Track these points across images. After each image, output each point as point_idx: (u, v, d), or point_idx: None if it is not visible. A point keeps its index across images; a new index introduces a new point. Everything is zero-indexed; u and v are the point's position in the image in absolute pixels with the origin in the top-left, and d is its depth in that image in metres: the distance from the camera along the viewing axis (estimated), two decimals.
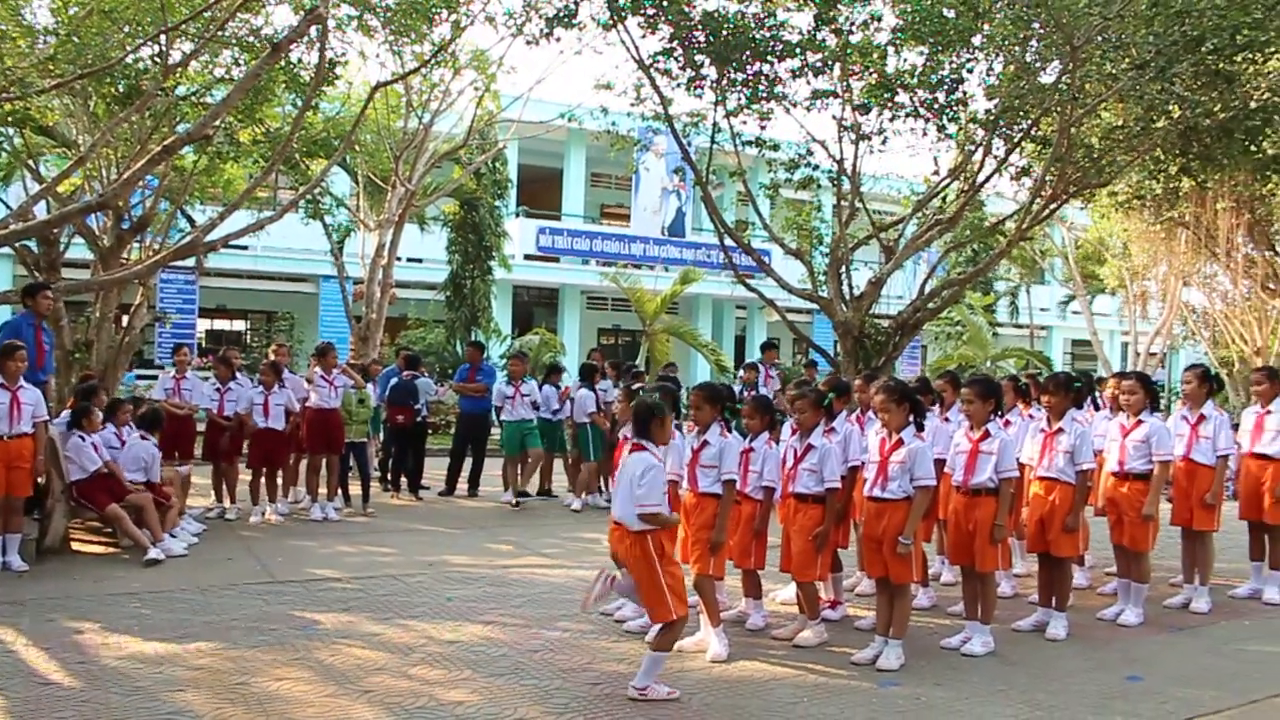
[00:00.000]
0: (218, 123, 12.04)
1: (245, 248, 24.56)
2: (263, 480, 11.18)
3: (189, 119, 13.53)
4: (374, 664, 6.01)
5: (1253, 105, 12.15)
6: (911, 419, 6.30)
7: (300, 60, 13.80)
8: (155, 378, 13.29)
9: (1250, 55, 11.78)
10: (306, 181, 16.49)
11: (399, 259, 21.14)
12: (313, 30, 11.71)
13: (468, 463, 13.35)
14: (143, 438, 9.71)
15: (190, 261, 20.24)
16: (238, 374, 11.52)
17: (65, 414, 9.51)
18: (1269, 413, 8.38)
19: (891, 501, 6.22)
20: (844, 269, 13.80)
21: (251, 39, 13.14)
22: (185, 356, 11.57)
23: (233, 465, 11.27)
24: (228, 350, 11.87)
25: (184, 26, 11.33)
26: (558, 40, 12.78)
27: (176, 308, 24.34)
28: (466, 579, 8.40)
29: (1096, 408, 9.09)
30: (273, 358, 11.69)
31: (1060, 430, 7.04)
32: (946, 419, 8.02)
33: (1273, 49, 12.23)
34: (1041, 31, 11.92)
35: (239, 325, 30.93)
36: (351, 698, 5.43)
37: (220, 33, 11.90)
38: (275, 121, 16.74)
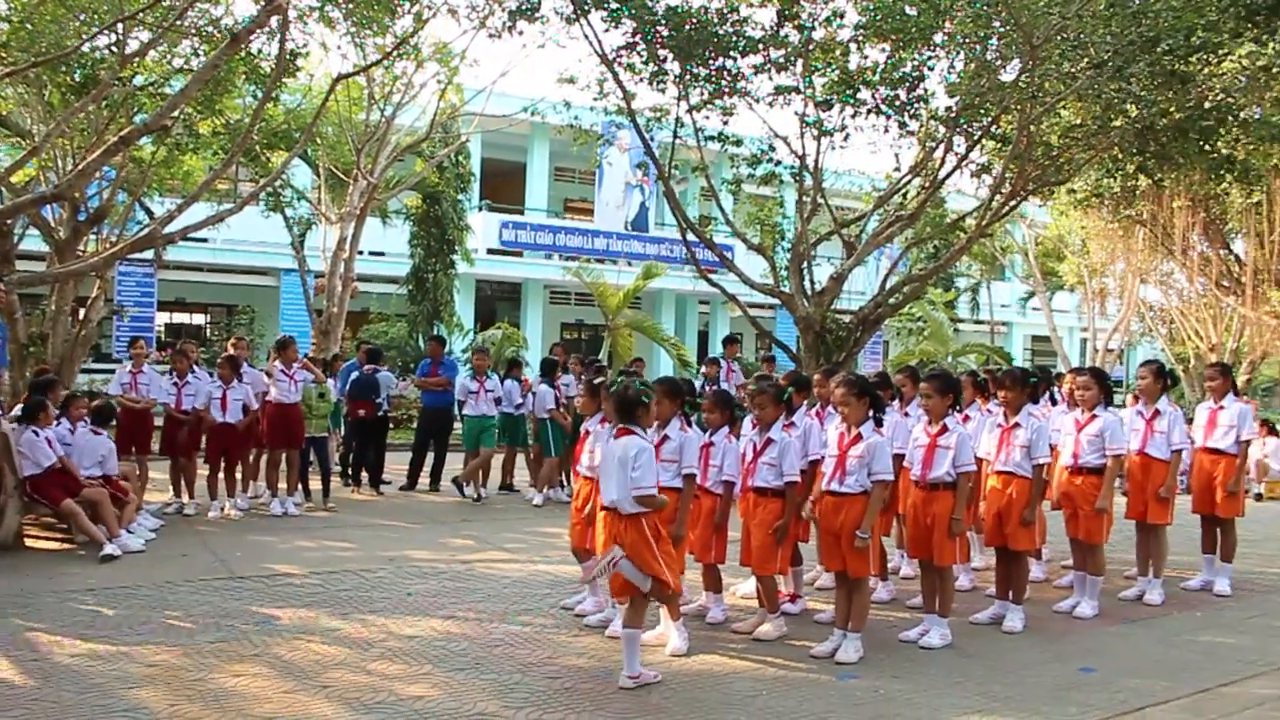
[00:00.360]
0: (176, 114, 11.89)
1: (205, 240, 24.47)
2: (221, 475, 11.08)
3: (147, 109, 13.39)
4: (333, 659, 5.98)
5: (1207, 105, 12.34)
6: (871, 414, 6.34)
7: (261, 51, 13.68)
8: (111, 372, 13.13)
9: (1204, 56, 11.96)
10: (267, 174, 16.39)
11: (361, 252, 21.01)
12: (273, 21, 11.63)
13: (430, 458, 13.30)
14: (94, 433, 9.60)
15: (148, 254, 20.14)
16: (195, 368, 11.39)
17: (18, 408, 9.38)
18: (1222, 408, 8.52)
19: (849, 496, 6.27)
20: (806, 264, 13.88)
21: (211, 29, 13.02)
22: (142, 350, 11.39)
23: (191, 460, 11.14)
24: (184, 343, 11.73)
25: (141, 15, 11.20)
26: (520, 33, 12.76)
27: (134, 301, 24.10)
28: (427, 574, 8.37)
29: (1054, 402, 9.18)
30: (231, 351, 11.58)
31: (1017, 425, 7.12)
32: (906, 414, 8.06)
33: (1226, 50, 12.42)
34: (1002, 30, 12.05)
35: (199, 319, 30.61)
36: (310, 693, 5.40)
37: (179, 22, 11.78)
38: (235, 113, 16.59)
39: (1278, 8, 13.93)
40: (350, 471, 13.01)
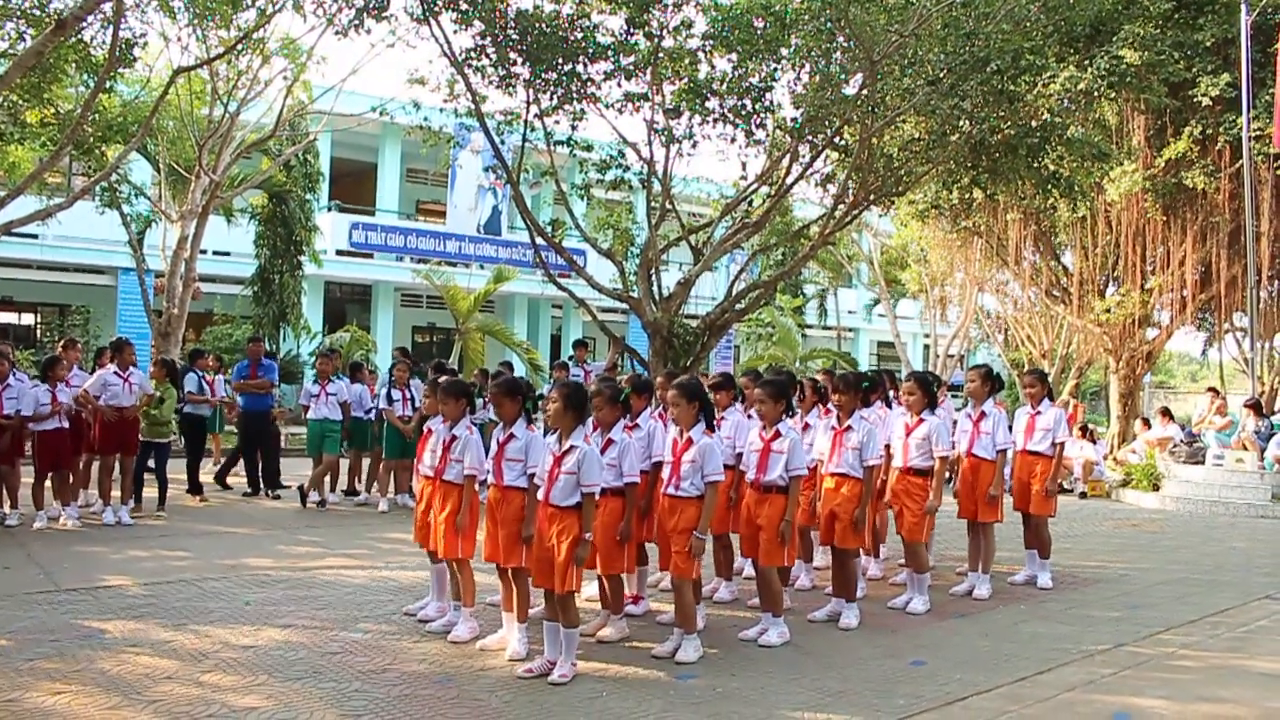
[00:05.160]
0: None
1: (35, 236, 23.37)
2: (50, 483, 10.59)
3: None
4: (163, 672, 5.79)
5: (1034, 124, 12.95)
6: (701, 418, 6.48)
7: (94, 39, 13.17)
8: None
9: (1031, 78, 12.55)
10: (102, 168, 15.76)
11: (204, 252, 20.42)
12: (107, 7, 11.21)
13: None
14: None
15: None
16: (15, 370, 10.78)
17: None
18: (1039, 413, 8.99)
19: (683, 499, 6.39)
20: (654, 270, 14.01)
21: (37, 11, 12.45)
22: None
23: (14, 468, 10.59)
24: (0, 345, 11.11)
25: None
26: (368, 32, 12.53)
27: None
28: (266, 582, 8.18)
29: (889, 405, 9.45)
30: (60, 354, 11.09)
31: (849, 428, 7.37)
32: (750, 416, 8.22)
33: (1050, 73, 13.06)
34: (844, 45, 12.40)
35: (29, 319, 29.21)
36: (136, 708, 5.21)
37: (1, 2, 11.24)
38: (67, 103, 15.93)
39: (1095, 36, 14.75)
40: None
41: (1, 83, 9.00)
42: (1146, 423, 18.53)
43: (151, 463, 11.61)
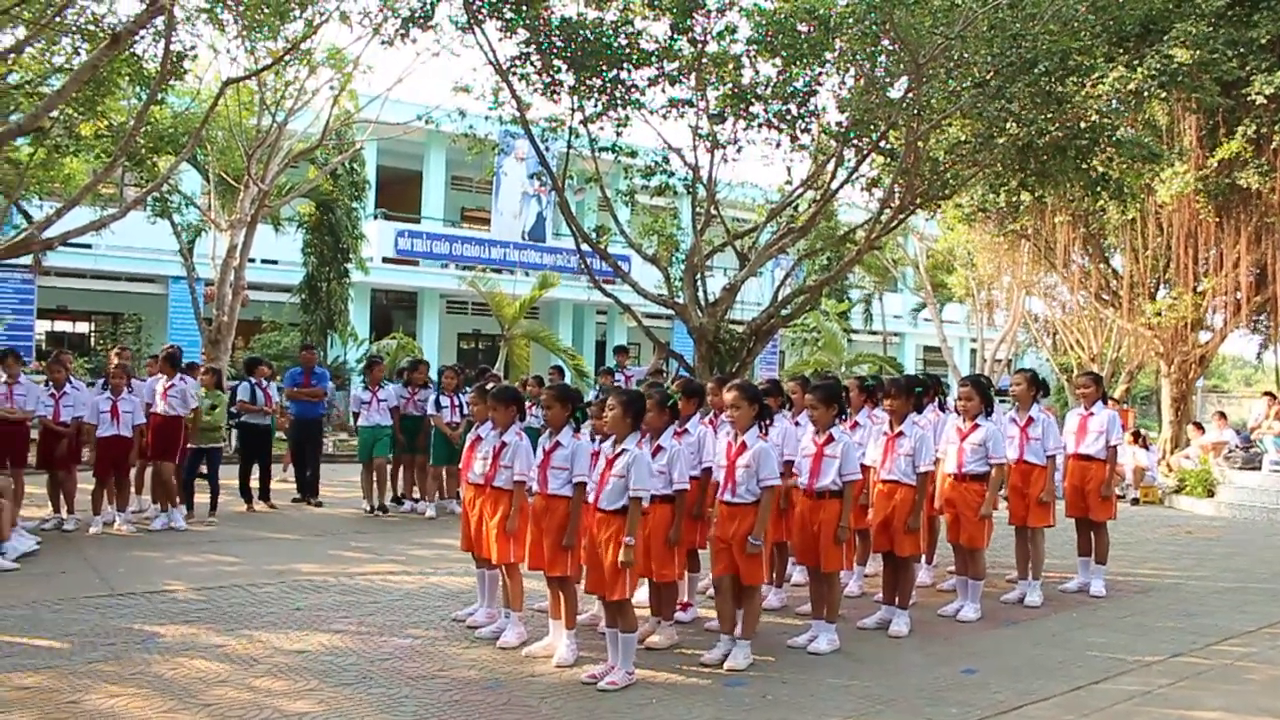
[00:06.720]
0: (54, 114, 11.55)
1: (89, 246, 23.69)
2: (109, 489, 10.76)
3: (24, 109, 12.96)
4: (216, 676, 5.85)
5: (1083, 125, 12.77)
6: (758, 422, 6.44)
7: (146, 52, 13.36)
8: None
9: (1079, 78, 12.39)
10: (153, 179, 15.98)
11: (252, 260, 20.63)
12: (159, 21, 11.38)
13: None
14: None
15: (27, 259, 19.48)
16: (72, 378, 10.97)
17: None
18: (1092, 414, 8.86)
19: (741, 505, 6.34)
20: (699, 275, 13.98)
21: (92, 27, 12.65)
22: (11, 364, 10.87)
23: (70, 474, 10.77)
24: (60, 353, 11.32)
25: (17, 10, 10.83)
26: (413, 41, 12.63)
27: (13, 308, 23.29)
28: (316, 587, 8.25)
29: (943, 409, 9.35)
30: (117, 362, 11.26)
31: (901, 434, 7.30)
32: (797, 422, 8.17)
33: (1099, 73, 12.88)
34: (889, 48, 12.31)
35: (83, 327, 29.69)
36: (191, 712, 5.28)
37: (58, 18, 11.43)
38: (120, 115, 16.16)
39: (1145, 35, 14.53)
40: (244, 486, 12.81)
41: (59, 96, 9.16)
42: (1199, 427, 18.23)
43: (204, 468, 11.78)
